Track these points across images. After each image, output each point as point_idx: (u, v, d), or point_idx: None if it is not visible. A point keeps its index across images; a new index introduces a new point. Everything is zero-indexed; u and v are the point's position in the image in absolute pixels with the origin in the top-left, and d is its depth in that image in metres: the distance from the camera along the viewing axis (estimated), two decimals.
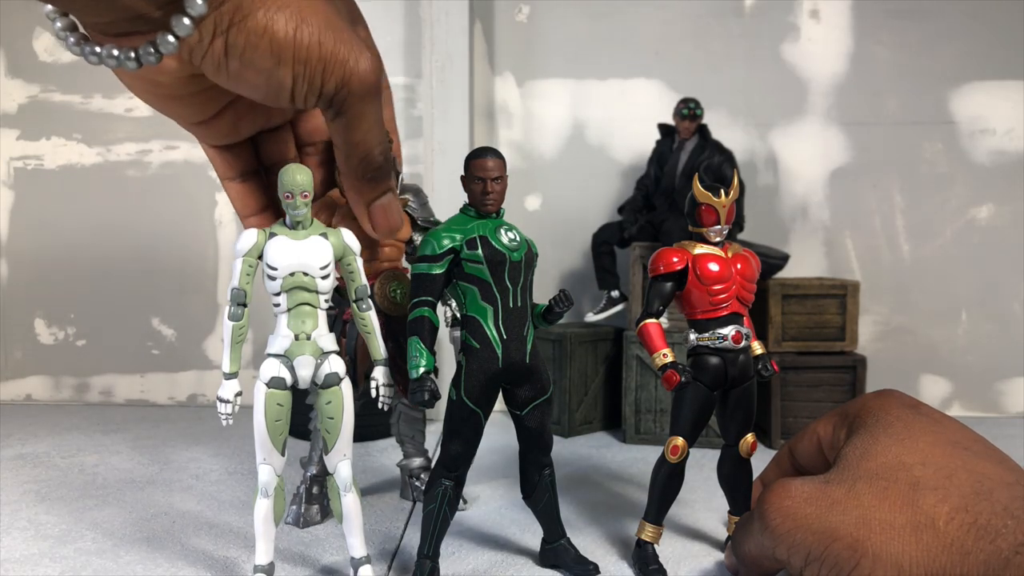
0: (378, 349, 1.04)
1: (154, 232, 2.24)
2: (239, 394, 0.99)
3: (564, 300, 1.07)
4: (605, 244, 2.02)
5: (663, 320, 1.15)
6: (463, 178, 1.04)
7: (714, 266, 1.12)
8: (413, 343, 0.99)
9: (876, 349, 2.13)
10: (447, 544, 1.17)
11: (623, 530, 1.26)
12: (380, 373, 1.04)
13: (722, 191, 1.12)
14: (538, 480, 1.10)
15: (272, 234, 0.95)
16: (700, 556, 1.18)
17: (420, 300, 1.01)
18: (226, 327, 0.97)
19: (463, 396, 1.02)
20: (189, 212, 2.25)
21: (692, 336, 1.13)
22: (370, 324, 1.03)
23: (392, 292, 1.29)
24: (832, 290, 1.85)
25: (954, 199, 2.13)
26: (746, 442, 1.15)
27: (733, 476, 1.18)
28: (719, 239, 1.14)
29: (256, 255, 0.97)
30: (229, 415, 0.99)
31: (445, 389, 1.04)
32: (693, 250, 1.13)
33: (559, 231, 2.20)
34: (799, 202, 2.17)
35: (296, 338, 0.98)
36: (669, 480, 1.13)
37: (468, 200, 1.04)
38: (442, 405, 1.04)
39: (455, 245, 1.01)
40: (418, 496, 1.38)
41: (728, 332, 1.11)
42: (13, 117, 2.25)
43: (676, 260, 1.12)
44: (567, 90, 2.20)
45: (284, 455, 1.00)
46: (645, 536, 1.13)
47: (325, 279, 0.98)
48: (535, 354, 1.05)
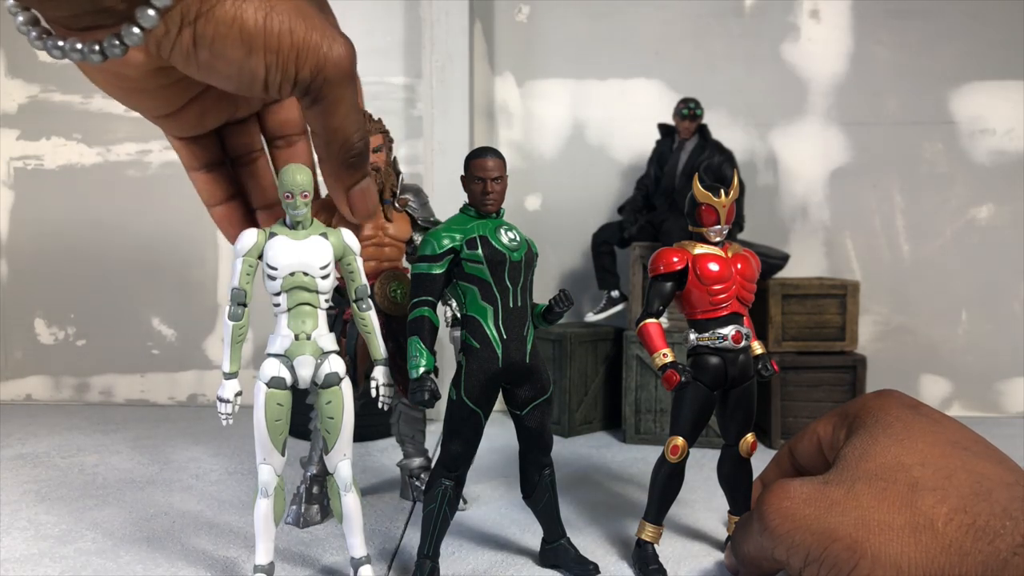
0: (378, 349, 1.05)
1: (154, 232, 2.24)
2: (239, 394, 0.99)
3: (564, 300, 1.07)
4: (605, 244, 2.02)
5: (663, 320, 1.15)
6: (463, 178, 1.04)
7: (714, 266, 1.12)
8: (413, 343, 0.99)
9: (876, 349, 2.12)
10: (447, 544, 1.16)
11: (623, 530, 1.26)
12: (380, 373, 1.05)
13: (722, 191, 1.12)
14: (538, 480, 1.10)
15: (272, 234, 0.95)
16: (700, 556, 1.18)
17: (420, 300, 1.01)
18: (226, 327, 0.98)
19: (463, 396, 1.02)
20: (189, 212, 2.23)
21: (692, 336, 1.13)
22: (370, 324, 1.04)
23: (392, 292, 1.29)
24: (832, 290, 1.85)
25: (954, 199, 2.13)
26: (746, 442, 1.15)
27: (733, 476, 1.18)
28: (719, 239, 1.14)
29: (256, 255, 0.96)
30: (229, 415, 0.99)
31: (445, 389, 1.04)
32: (693, 250, 1.13)
33: (559, 231, 2.20)
34: (799, 202, 2.17)
35: (296, 338, 0.98)
36: (669, 480, 1.13)
37: (468, 200, 1.04)
38: (442, 405, 1.05)
39: (455, 245, 1.01)
40: (418, 496, 1.38)
41: (728, 332, 1.11)
42: (13, 117, 2.25)
43: (676, 260, 1.12)
44: (567, 90, 2.19)
45: (284, 455, 1.00)
46: (645, 536, 1.13)
47: (325, 279, 0.98)
48: (535, 354, 1.05)
